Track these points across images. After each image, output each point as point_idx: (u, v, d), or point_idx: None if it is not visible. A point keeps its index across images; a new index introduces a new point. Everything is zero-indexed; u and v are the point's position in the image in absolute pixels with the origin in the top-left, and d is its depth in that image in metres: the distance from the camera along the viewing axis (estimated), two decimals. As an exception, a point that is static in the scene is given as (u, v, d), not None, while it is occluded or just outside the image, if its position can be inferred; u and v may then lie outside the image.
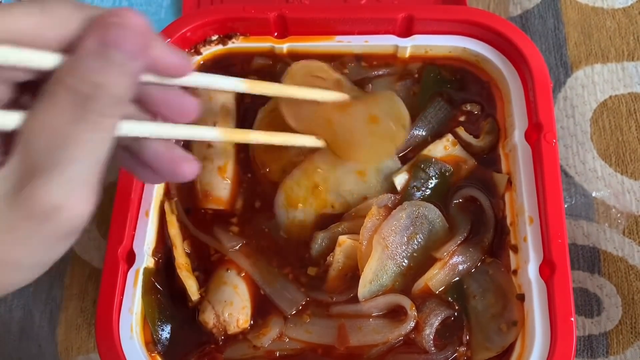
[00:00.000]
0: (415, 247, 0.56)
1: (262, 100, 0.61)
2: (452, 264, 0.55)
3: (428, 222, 0.56)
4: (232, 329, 0.54)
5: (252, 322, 0.55)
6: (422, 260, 0.56)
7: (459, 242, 0.55)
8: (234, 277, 0.56)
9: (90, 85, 0.30)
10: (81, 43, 0.31)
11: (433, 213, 0.56)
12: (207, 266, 0.58)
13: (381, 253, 0.54)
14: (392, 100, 0.57)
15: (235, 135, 0.51)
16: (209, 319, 0.54)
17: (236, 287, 0.55)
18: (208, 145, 0.60)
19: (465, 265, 0.55)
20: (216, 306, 0.54)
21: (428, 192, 0.58)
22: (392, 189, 0.58)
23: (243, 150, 0.62)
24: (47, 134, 0.30)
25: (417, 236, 0.56)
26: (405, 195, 0.57)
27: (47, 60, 0.32)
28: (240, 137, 0.52)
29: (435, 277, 0.54)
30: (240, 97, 0.63)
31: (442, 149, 0.60)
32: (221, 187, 0.60)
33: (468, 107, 0.63)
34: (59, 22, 0.32)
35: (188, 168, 0.40)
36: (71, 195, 0.30)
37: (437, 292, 0.54)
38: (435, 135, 0.61)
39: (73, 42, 0.32)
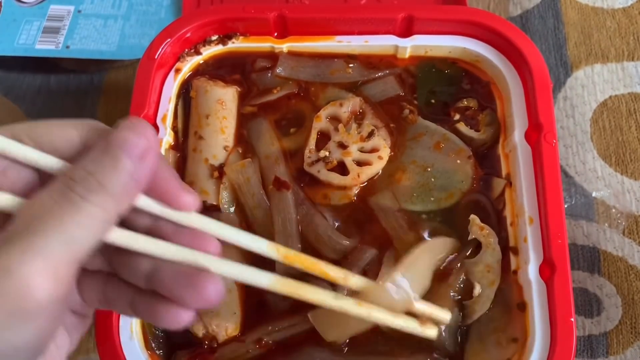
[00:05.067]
0: None
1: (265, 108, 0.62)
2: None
3: None
4: (222, 337, 0.53)
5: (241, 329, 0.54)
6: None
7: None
8: None
9: (82, 172, 0.30)
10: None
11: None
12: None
13: None
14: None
15: (289, 287, 0.37)
16: (198, 330, 0.53)
17: None
18: (200, 136, 0.60)
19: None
20: (203, 317, 0.53)
21: None
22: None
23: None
24: (30, 209, 0.29)
25: None
26: None
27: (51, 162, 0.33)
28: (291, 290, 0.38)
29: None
30: (242, 99, 0.64)
31: None
32: (206, 179, 0.59)
33: (465, 102, 0.62)
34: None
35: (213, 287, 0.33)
36: (33, 268, 0.27)
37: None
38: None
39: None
